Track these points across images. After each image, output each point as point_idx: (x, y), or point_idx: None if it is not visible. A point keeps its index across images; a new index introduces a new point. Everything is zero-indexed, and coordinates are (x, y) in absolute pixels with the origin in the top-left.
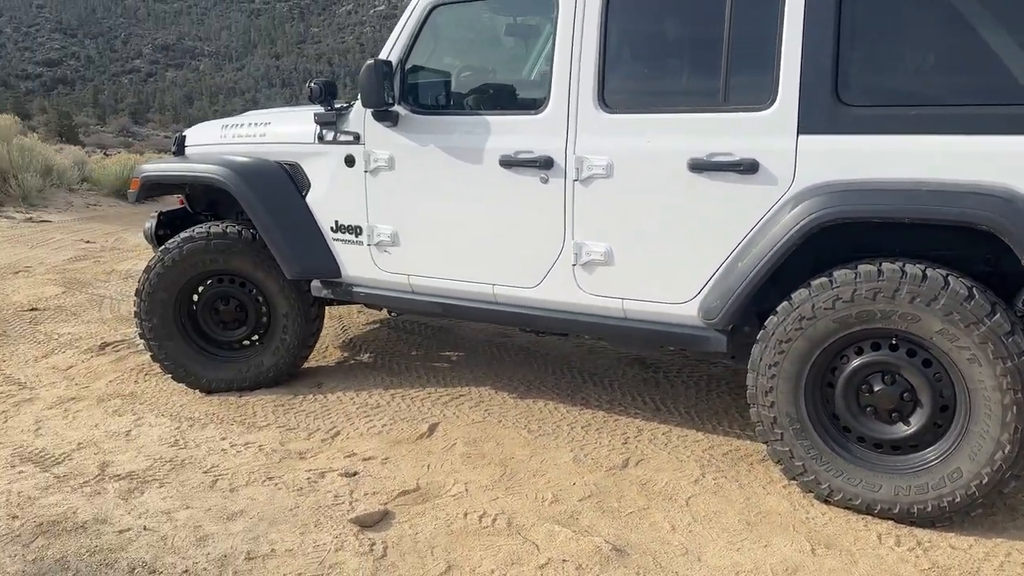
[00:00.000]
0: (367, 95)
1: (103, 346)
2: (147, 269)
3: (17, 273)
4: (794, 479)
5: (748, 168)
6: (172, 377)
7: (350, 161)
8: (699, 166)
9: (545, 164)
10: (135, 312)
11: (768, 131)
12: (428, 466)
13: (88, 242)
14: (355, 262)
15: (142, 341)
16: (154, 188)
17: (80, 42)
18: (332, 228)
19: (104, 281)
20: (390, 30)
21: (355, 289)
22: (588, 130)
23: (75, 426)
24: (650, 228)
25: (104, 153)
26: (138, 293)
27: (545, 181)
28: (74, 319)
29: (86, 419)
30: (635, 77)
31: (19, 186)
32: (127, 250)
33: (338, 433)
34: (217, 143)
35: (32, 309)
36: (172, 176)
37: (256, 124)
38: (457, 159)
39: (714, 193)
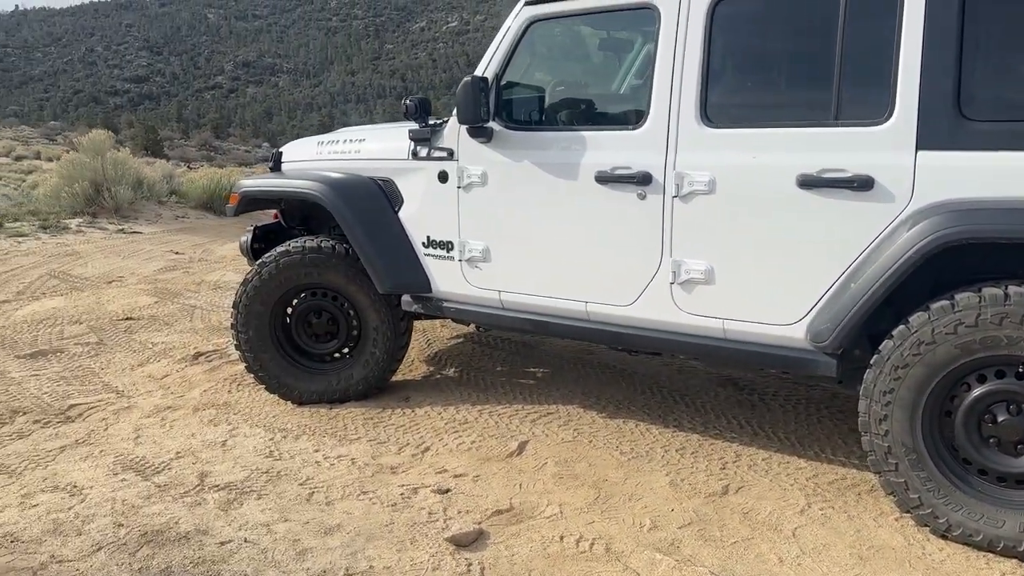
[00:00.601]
0: (463, 111)
1: (196, 356)
2: (244, 282)
3: (111, 283)
4: (909, 512)
5: (862, 185)
6: (266, 388)
7: (443, 177)
8: (809, 183)
9: (643, 180)
10: (231, 324)
11: (884, 146)
12: (520, 485)
13: (177, 253)
14: (446, 277)
15: (238, 352)
16: (251, 203)
17: (166, 59)
18: (424, 243)
19: (194, 292)
20: (462, 46)
21: (445, 304)
22: (689, 145)
23: (173, 435)
24: (755, 246)
25: (188, 166)
26: (235, 305)
27: (643, 197)
28: (167, 328)
29: (183, 428)
30: (740, 91)
31: (112, 198)
32: (214, 261)
33: (428, 448)
34: (313, 159)
35: (127, 318)
36: (270, 191)
37: (351, 141)
38: (551, 175)
39: (825, 211)
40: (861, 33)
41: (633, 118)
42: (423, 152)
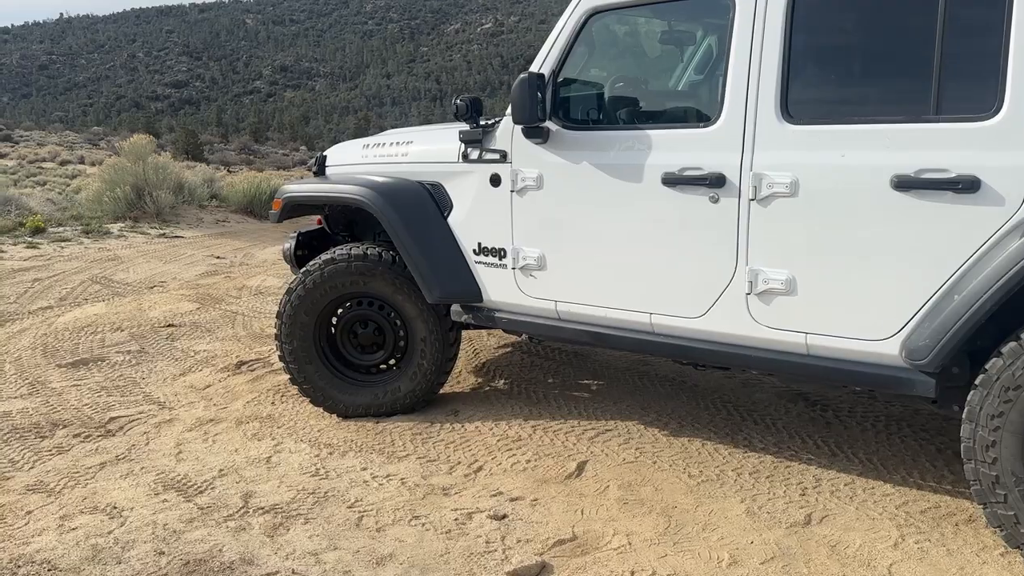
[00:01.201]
0: (518, 110)
1: (239, 365)
2: (288, 291)
3: (152, 288)
4: (1019, 548)
5: (967, 186)
6: (310, 401)
7: (495, 180)
8: (905, 184)
9: (716, 182)
10: (275, 334)
11: (993, 144)
12: (582, 511)
13: (218, 257)
14: (498, 286)
15: (282, 364)
16: (295, 208)
17: (205, 64)
18: (475, 250)
19: (236, 297)
20: (496, 47)
21: (497, 314)
22: (768, 144)
23: (215, 451)
24: (843, 254)
25: (227, 170)
26: (279, 315)
27: (715, 200)
28: (209, 336)
29: (226, 443)
30: (825, 84)
31: (154, 203)
32: (255, 266)
33: (480, 468)
34: (358, 163)
35: (169, 325)
36: (314, 197)
37: (398, 143)
38: (613, 177)
39: (924, 215)
40: (966, 17)
41: (704, 115)
42: (474, 154)
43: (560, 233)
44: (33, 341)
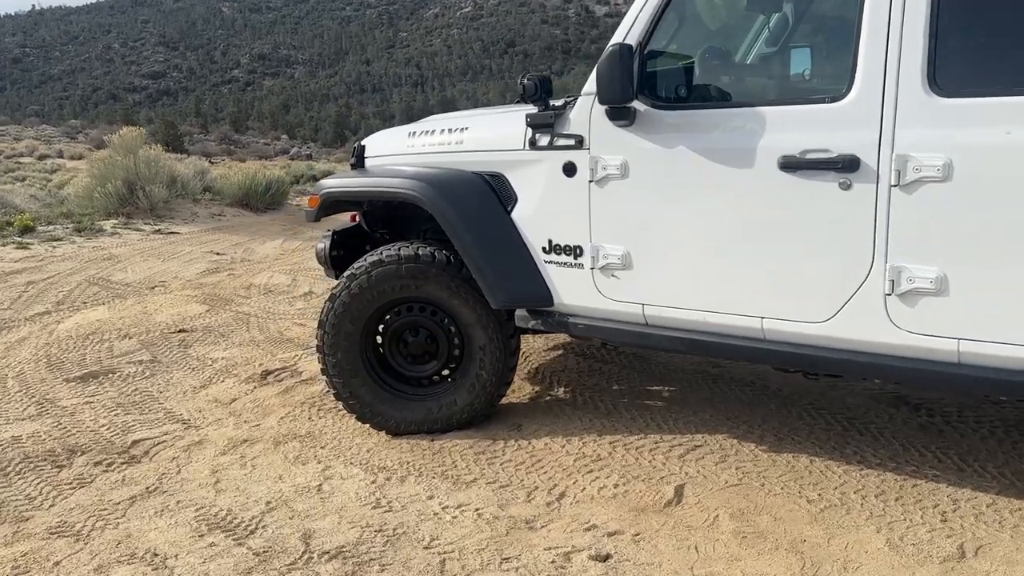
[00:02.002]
0: (607, 88)
1: (264, 375)
2: (331, 298)
3: (153, 288)
4: None
5: None
6: (357, 417)
7: (570, 169)
8: None
9: (848, 165)
10: (317, 346)
11: None
12: (696, 548)
13: (218, 254)
14: (573, 289)
15: (325, 378)
16: (334, 206)
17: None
18: (544, 249)
19: (245, 297)
20: (476, 31)
21: (571, 320)
22: (913, 120)
23: (256, 478)
24: (1010, 249)
25: (209, 160)
26: (321, 325)
27: (847, 187)
28: (224, 341)
29: (267, 469)
30: (984, 48)
31: (147, 197)
32: (257, 262)
33: (563, 494)
34: (404, 153)
35: (180, 331)
36: (358, 192)
37: (450, 130)
38: (717, 163)
39: None
40: None
41: (831, 88)
42: (543, 140)
43: (650, 228)
44: (35, 352)
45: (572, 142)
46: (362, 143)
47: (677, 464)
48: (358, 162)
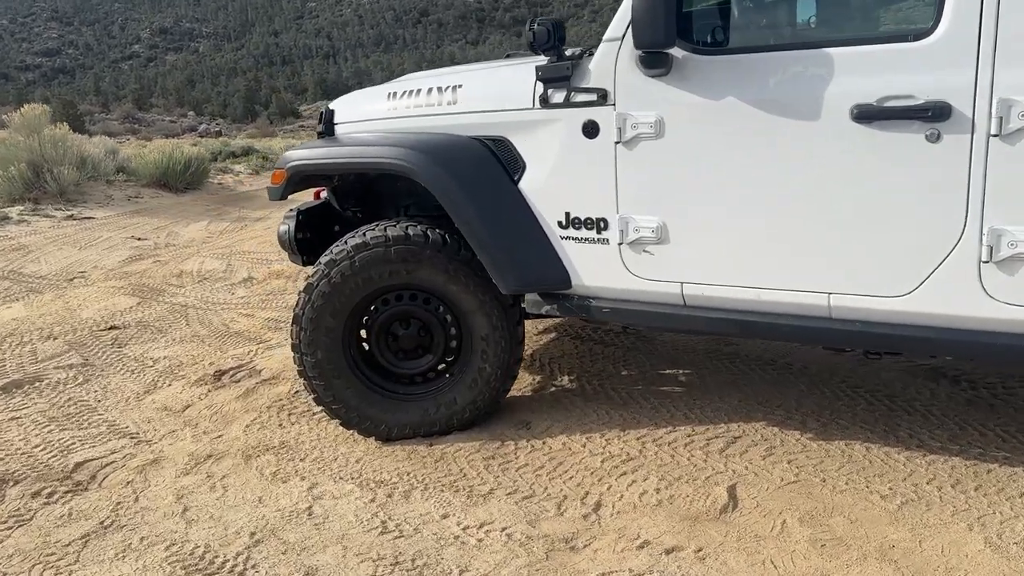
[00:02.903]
0: (647, 29)
1: (218, 375)
2: (307, 288)
3: (72, 280)
4: None
5: None
6: (342, 423)
7: (591, 130)
8: None
9: (937, 113)
10: (293, 345)
11: None
12: (772, 563)
13: (140, 239)
14: (595, 267)
15: (303, 381)
16: (303, 181)
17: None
18: (561, 223)
19: (178, 286)
20: (388, 0)
21: (593, 304)
22: (1017, 58)
23: (232, 502)
24: None
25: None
26: (297, 320)
27: (935, 138)
28: (163, 337)
29: (242, 490)
30: None
31: (55, 180)
32: (183, 246)
33: (600, 504)
34: (384, 117)
35: (111, 328)
36: (335, 165)
37: (441, 89)
38: (776, 116)
39: None
40: None
41: (913, 24)
42: (558, 97)
43: (690, 195)
44: None
45: (593, 97)
46: (330, 107)
47: (720, 460)
48: (327, 129)
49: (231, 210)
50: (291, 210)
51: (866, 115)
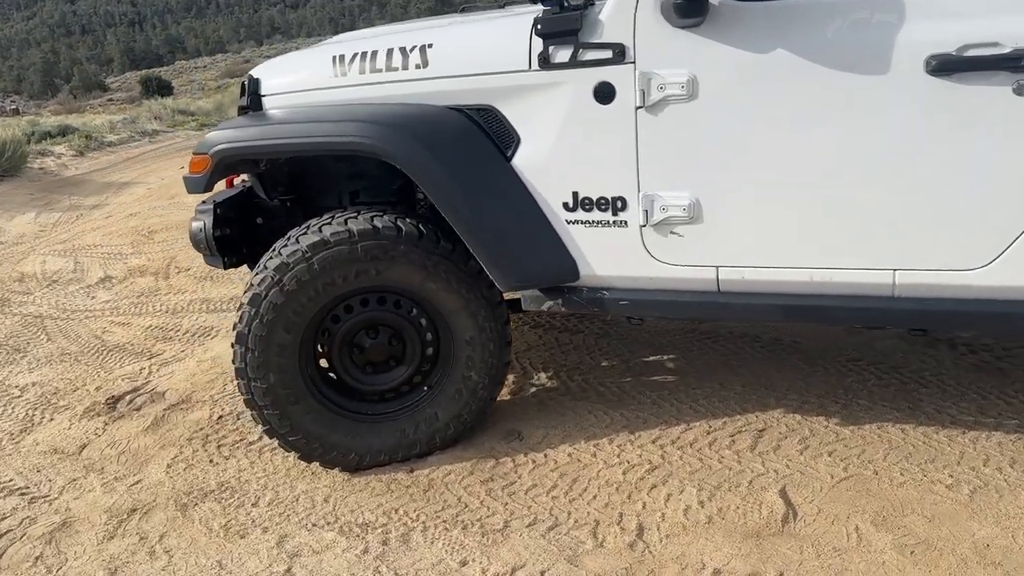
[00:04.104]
0: None
1: (112, 402)
2: (253, 300)
3: None
4: None
5: None
6: (301, 457)
7: (605, 93)
8: None
9: None
10: (238, 370)
11: None
12: None
13: None
14: (610, 255)
15: (252, 411)
16: (230, 168)
17: None
18: (567, 205)
19: (23, 292)
20: None
21: (607, 296)
22: None
23: (184, 572)
24: None
25: None
26: (241, 340)
27: (1022, 91)
28: (23, 358)
29: (191, 553)
30: None
31: None
32: (13, 243)
33: (642, 527)
34: (330, 86)
35: None
36: (277, 146)
37: (406, 49)
38: (835, 70)
39: None
40: None
41: None
42: (562, 55)
43: (730, 165)
44: None
45: (608, 54)
46: (253, 75)
47: (755, 459)
48: (252, 103)
49: (60, 198)
50: (203, 203)
51: (943, 66)
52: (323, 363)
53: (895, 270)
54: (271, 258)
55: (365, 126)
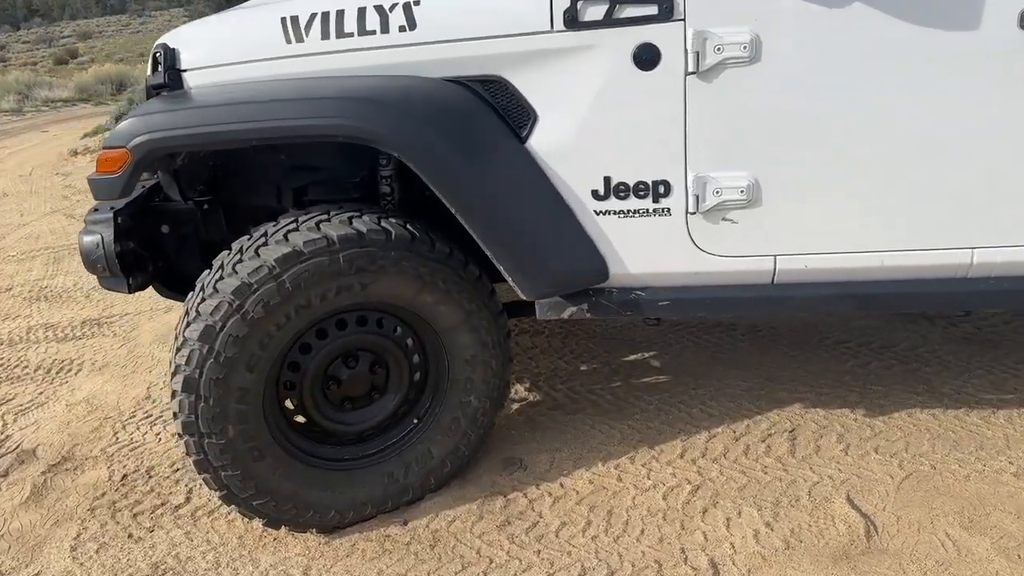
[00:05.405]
0: None
1: None
2: (205, 334)
3: None
4: None
5: None
6: (268, 523)
7: (647, 57)
8: None
9: None
10: (185, 423)
11: None
12: None
13: None
14: (648, 249)
15: (203, 475)
16: (154, 163)
17: None
18: (596, 193)
19: None
20: None
21: (644, 297)
22: None
23: None
24: None
25: None
26: (190, 387)
27: None
28: None
29: None
30: None
31: None
32: None
33: (714, 563)
34: (281, 56)
35: None
36: (226, 133)
37: (382, 9)
38: (920, 26)
39: None
40: None
41: None
42: (594, 12)
43: (795, 140)
44: None
45: (652, 10)
46: (168, 44)
47: (801, 466)
48: (171, 80)
49: None
50: (94, 210)
51: None
52: (287, 403)
53: (973, 248)
54: (221, 279)
55: (351, 104)
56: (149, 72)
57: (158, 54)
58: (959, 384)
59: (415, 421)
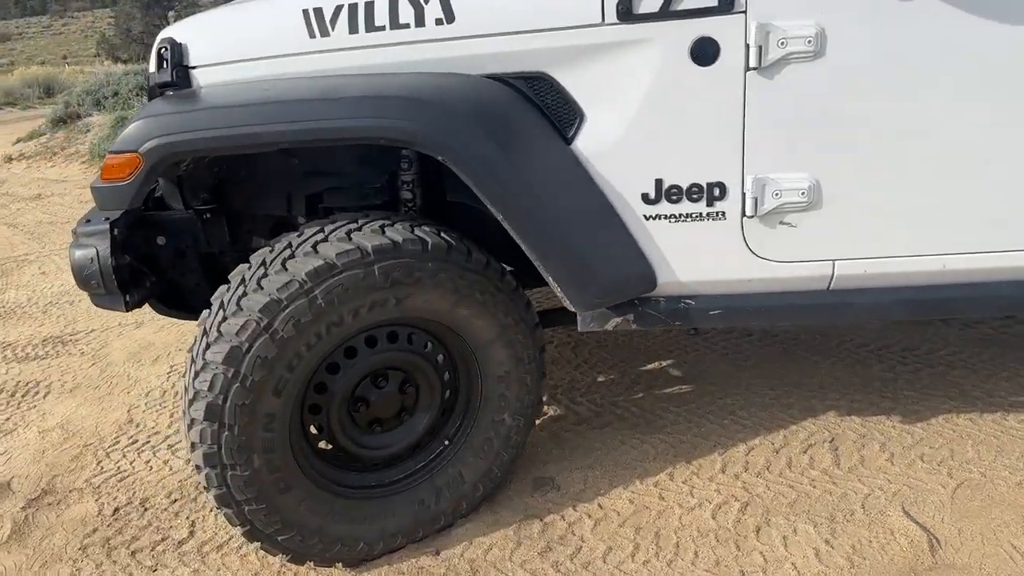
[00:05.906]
0: None
1: None
2: (230, 357)
3: None
4: None
5: None
6: (292, 559)
7: (706, 52)
8: None
9: None
10: (206, 455)
11: None
12: None
13: None
14: (701, 255)
15: (224, 509)
16: (165, 170)
17: None
18: (647, 196)
19: None
20: None
21: (694, 306)
22: None
23: None
24: None
25: None
26: (212, 414)
27: None
28: None
29: None
30: None
31: None
32: None
33: None
34: (302, 52)
35: None
36: (253, 136)
37: (416, 2)
38: (993, 20)
39: None
40: None
41: None
42: (649, 4)
43: (861, 139)
44: None
45: (712, 2)
46: (174, 39)
47: (849, 477)
48: (178, 79)
49: None
50: (86, 222)
51: None
52: (312, 428)
53: None
54: (244, 295)
55: (393, 104)
56: (153, 69)
57: (163, 49)
58: (989, 387)
59: (445, 443)
